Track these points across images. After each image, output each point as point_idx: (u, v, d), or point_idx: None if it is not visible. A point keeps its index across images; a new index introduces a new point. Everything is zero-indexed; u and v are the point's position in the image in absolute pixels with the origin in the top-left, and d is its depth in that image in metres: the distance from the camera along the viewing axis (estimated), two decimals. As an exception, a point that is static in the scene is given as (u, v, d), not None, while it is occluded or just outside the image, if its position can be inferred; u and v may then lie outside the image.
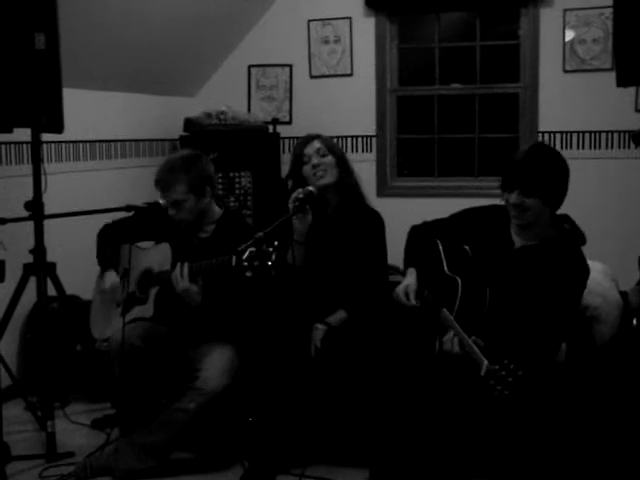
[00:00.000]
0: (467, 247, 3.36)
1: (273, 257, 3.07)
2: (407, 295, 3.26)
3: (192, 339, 3.69)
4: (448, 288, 3.20)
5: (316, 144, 3.78)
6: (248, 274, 3.09)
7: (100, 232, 3.94)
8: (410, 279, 3.33)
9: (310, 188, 3.61)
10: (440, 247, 3.38)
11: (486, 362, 2.86)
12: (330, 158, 3.77)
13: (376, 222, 3.84)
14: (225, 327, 3.64)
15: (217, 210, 3.80)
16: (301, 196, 3.55)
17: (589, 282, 3.28)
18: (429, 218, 3.59)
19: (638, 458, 3.22)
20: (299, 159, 3.79)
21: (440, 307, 3.11)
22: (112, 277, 3.79)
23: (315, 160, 3.74)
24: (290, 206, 3.56)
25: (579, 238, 3.24)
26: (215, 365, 3.51)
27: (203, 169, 3.70)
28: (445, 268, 3.31)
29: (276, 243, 3.10)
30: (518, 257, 3.20)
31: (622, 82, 3.50)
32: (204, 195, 3.68)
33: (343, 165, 3.82)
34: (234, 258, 3.18)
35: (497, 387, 2.83)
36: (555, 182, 3.10)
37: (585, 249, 3.22)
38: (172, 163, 3.71)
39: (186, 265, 3.45)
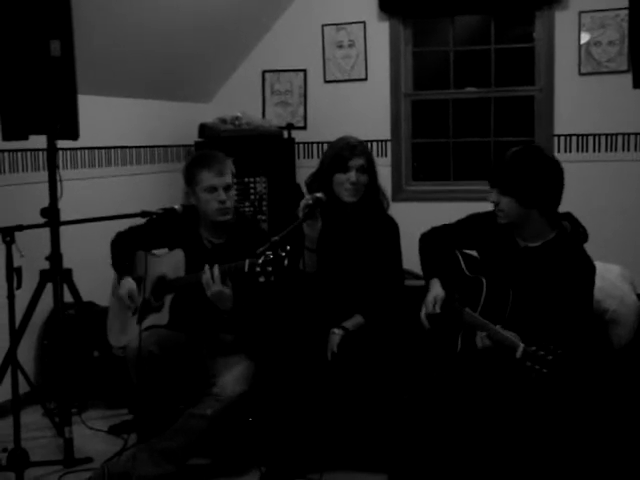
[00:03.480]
0: (475, 252, 3.43)
1: (285, 262, 3.07)
2: (434, 304, 3.29)
3: (208, 345, 3.70)
4: (471, 289, 3.25)
5: (361, 161, 3.66)
6: (261, 279, 3.09)
7: (113, 241, 3.93)
8: (436, 289, 3.35)
9: (318, 195, 3.52)
10: (457, 252, 3.41)
11: (522, 345, 2.92)
12: (366, 178, 3.69)
13: (391, 227, 3.82)
14: (242, 333, 3.64)
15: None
16: (310, 202, 3.49)
17: (606, 285, 3.25)
18: (445, 222, 3.59)
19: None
20: (340, 165, 3.67)
21: (463, 307, 3.18)
22: (129, 283, 3.77)
23: (354, 178, 3.63)
24: (300, 213, 3.51)
25: (580, 236, 3.24)
26: (232, 371, 3.52)
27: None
28: (465, 270, 3.34)
29: (288, 248, 3.10)
30: (522, 258, 3.24)
31: (638, 84, 3.49)
32: (235, 188, 3.76)
33: (373, 185, 3.77)
34: (247, 264, 3.17)
35: (535, 367, 2.87)
36: (532, 183, 3.11)
37: (602, 252, 3.22)
38: (214, 153, 3.76)
39: (217, 268, 3.43)
